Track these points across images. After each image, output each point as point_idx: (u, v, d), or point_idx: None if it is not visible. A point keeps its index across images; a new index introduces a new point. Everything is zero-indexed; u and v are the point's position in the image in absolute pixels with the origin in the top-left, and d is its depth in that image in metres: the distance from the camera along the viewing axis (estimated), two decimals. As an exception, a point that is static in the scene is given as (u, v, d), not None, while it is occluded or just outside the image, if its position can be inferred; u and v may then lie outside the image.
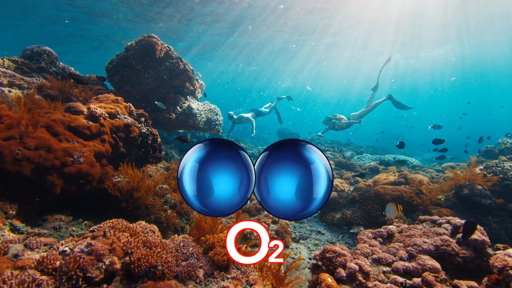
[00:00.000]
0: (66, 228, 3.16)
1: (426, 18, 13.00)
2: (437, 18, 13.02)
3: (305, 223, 5.27)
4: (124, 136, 4.20)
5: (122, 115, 4.31)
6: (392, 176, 6.14)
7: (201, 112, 6.88)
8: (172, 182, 5.12)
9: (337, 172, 7.94)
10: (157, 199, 4.47)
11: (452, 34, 15.64)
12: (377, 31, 14.66)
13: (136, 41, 6.03)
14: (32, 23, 14.17)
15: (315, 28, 14.36)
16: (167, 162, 6.87)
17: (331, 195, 5.41)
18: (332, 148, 15.10)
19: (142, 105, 6.43)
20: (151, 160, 4.89)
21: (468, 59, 21.93)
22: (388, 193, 4.83)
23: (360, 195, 5.09)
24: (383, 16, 12.80)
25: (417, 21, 13.42)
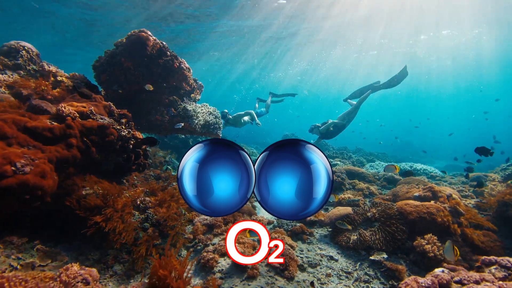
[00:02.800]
0: (7, 255, 2.47)
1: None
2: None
3: (314, 244, 4.45)
4: (98, 140, 3.55)
5: (98, 115, 3.68)
6: (416, 189, 5.26)
7: (198, 115, 6.23)
8: (160, 194, 4.42)
9: (349, 183, 7.09)
10: (137, 215, 3.76)
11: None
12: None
13: (126, 36, 5.48)
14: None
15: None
16: (157, 170, 6.22)
17: (345, 211, 4.58)
18: (341, 154, 14.21)
19: (132, 106, 5.83)
20: (134, 168, 4.22)
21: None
22: (415, 211, 3.98)
23: (381, 212, 4.26)
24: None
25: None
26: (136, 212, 3.81)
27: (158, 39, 5.70)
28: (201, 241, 3.93)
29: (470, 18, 13.70)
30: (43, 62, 5.11)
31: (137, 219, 3.67)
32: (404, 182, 6.70)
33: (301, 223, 5.08)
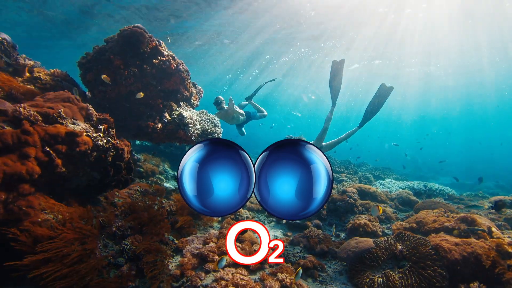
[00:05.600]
0: None
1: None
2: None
3: (327, 283, 3.66)
4: (66, 150, 2.83)
5: (69, 118, 2.98)
6: (444, 217, 4.51)
7: (195, 122, 5.54)
8: (144, 215, 3.66)
9: (361, 204, 6.33)
10: (111, 246, 3.00)
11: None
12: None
13: (118, 32, 4.87)
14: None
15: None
16: (145, 183, 5.46)
17: (365, 244, 3.82)
18: (347, 169, 13.46)
19: (122, 110, 5.15)
20: (113, 184, 3.48)
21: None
22: (457, 250, 3.23)
23: (411, 249, 3.49)
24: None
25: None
26: (110, 242, 3.04)
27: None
28: (190, 281, 3.14)
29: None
30: (20, 56, 4.46)
31: (110, 252, 2.90)
32: (424, 206, 5.95)
33: (311, 255, 4.29)
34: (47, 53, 17.81)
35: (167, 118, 5.44)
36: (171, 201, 5.03)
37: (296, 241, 4.71)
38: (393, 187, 8.54)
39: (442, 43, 13.78)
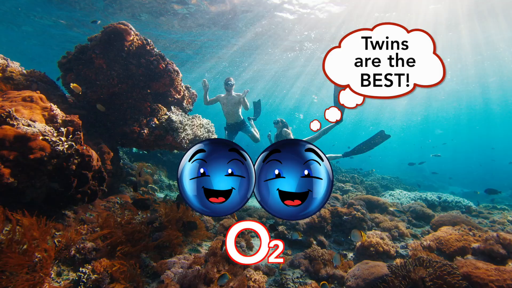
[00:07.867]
0: None
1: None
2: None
3: (333, 319, 3.02)
4: (16, 157, 2.35)
5: (23, 119, 2.51)
6: (471, 237, 3.86)
7: (185, 127, 5.06)
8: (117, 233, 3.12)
9: (370, 219, 5.68)
10: (66, 274, 2.46)
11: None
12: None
13: (102, 29, 4.50)
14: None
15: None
16: (127, 195, 4.94)
17: (378, 270, 3.21)
18: (352, 178, 12.74)
19: (106, 114, 4.72)
20: (79, 197, 2.97)
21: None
22: (493, 282, 2.59)
23: (436, 278, 2.86)
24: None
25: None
26: (66, 269, 2.50)
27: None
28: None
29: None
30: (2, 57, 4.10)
31: (63, 283, 2.35)
32: (442, 221, 5.28)
33: (314, 280, 3.67)
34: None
35: (155, 122, 4.98)
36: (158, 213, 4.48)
37: (296, 263, 4.09)
38: (404, 199, 7.85)
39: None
